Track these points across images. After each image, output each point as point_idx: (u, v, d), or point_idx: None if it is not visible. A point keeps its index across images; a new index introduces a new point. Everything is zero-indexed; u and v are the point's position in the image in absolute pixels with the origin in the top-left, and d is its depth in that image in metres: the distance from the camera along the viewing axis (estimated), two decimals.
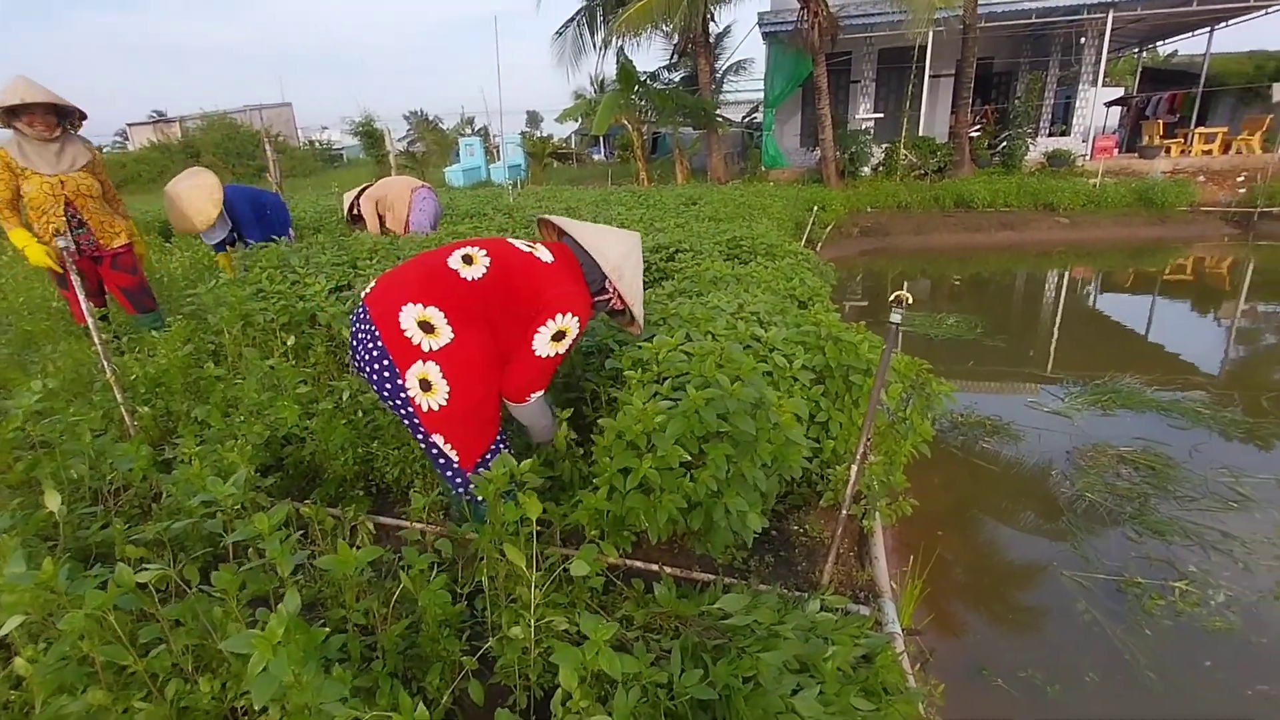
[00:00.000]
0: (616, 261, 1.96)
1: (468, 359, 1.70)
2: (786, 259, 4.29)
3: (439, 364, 1.67)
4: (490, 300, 1.75)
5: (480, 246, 1.85)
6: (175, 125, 34.63)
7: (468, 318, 1.71)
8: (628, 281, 1.98)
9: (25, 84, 3.03)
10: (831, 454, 2.43)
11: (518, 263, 1.83)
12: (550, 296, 1.79)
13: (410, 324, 1.68)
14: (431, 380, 1.68)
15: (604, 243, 1.97)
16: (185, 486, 1.83)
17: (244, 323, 3.09)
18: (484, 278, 1.75)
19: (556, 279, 1.84)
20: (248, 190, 5.04)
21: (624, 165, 20.07)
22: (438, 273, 1.75)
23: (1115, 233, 11.36)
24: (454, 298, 1.71)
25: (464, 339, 1.70)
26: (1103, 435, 3.95)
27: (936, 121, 15.73)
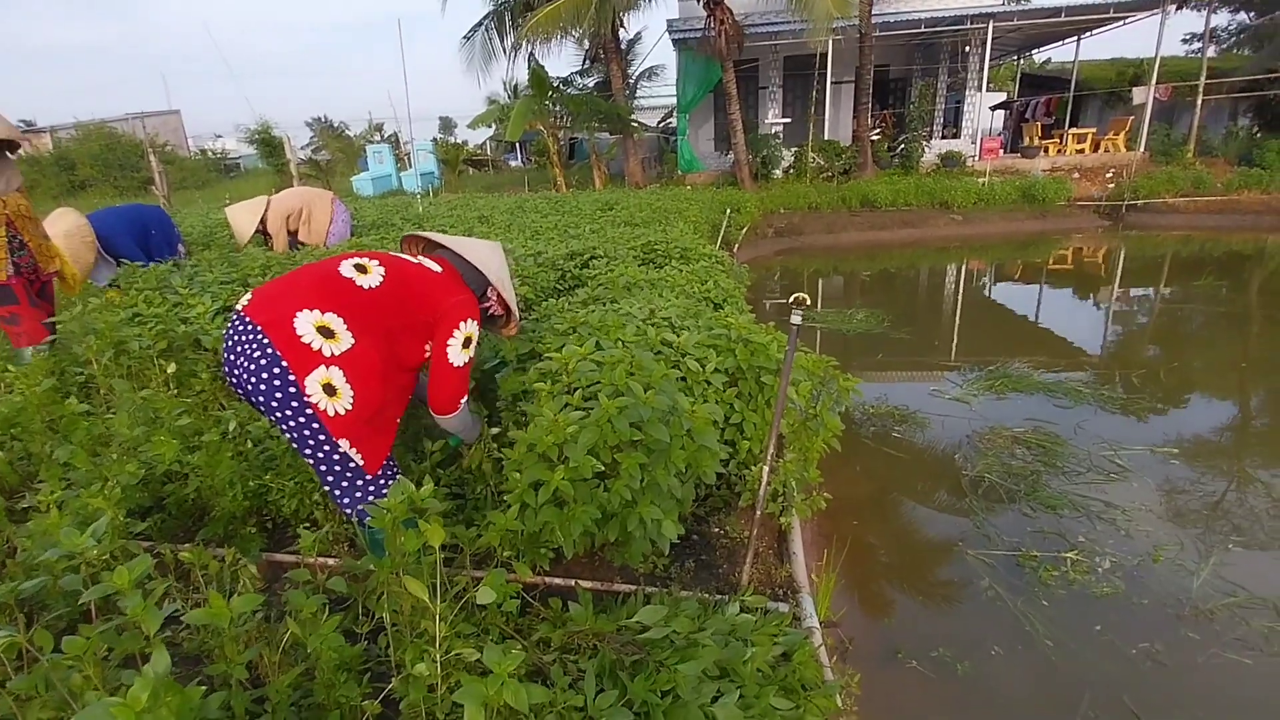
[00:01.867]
0: (498, 271, 2.06)
1: (369, 364, 1.68)
2: (701, 262, 4.34)
3: (342, 369, 1.64)
4: (387, 309, 1.74)
5: (371, 257, 1.84)
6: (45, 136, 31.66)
7: (366, 325, 1.70)
8: (508, 289, 2.10)
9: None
10: (748, 454, 2.46)
11: (412, 273, 1.85)
12: (450, 305, 1.82)
13: (308, 330, 1.63)
14: (335, 385, 1.64)
15: (481, 253, 2.06)
16: (41, 539, 1.64)
17: (118, 351, 2.82)
18: (380, 287, 1.75)
19: (450, 288, 1.87)
20: (124, 212, 4.62)
21: (541, 171, 19.89)
22: (332, 281, 1.73)
23: (1003, 227, 12.21)
24: (352, 305, 1.69)
25: (364, 345, 1.68)
26: (998, 418, 4.21)
27: (841, 125, 16.45)
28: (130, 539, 1.77)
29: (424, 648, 1.36)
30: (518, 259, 3.95)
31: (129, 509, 2.14)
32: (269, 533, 2.29)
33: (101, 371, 2.67)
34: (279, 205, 5.09)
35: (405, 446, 2.31)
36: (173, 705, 1.11)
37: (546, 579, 2.06)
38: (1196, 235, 11.36)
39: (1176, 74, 16.74)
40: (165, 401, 2.30)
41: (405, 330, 1.77)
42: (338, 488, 1.78)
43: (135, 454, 2.13)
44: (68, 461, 2.05)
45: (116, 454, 2.10)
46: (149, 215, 4.77)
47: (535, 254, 4.14)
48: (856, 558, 2.86)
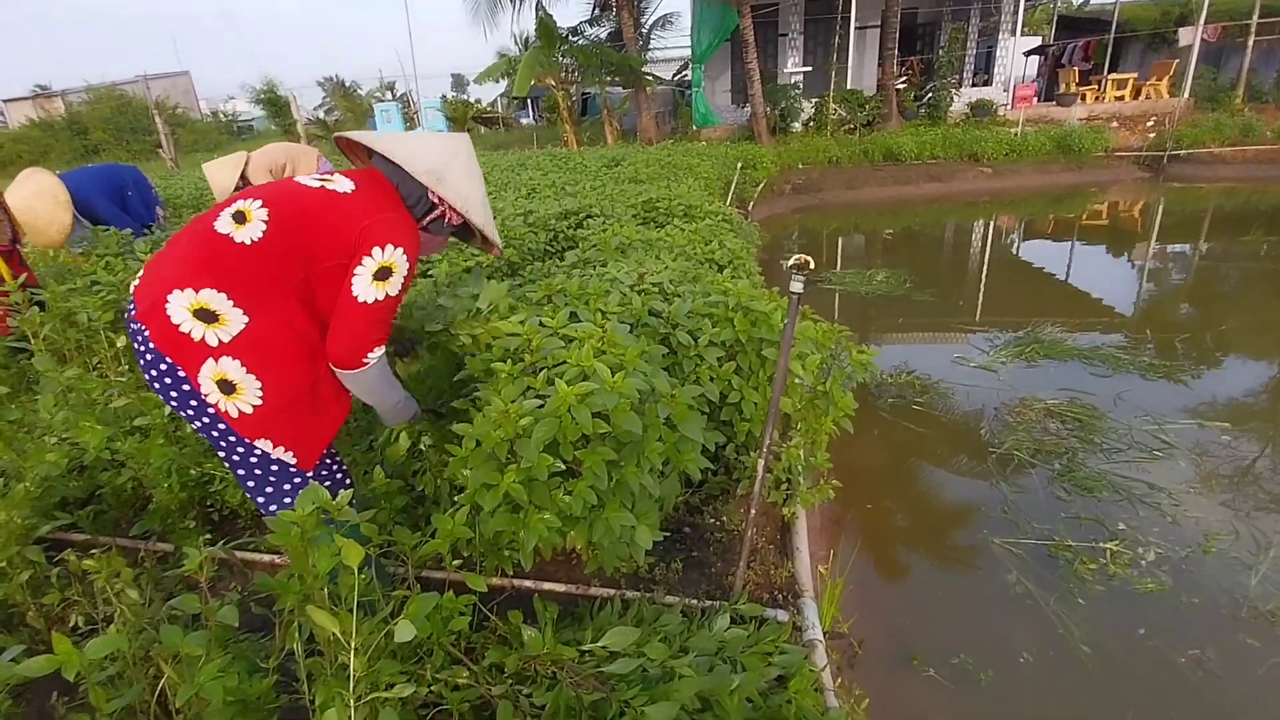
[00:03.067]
0: (432, 165, 1.54)
1: (272, 343, 1.35)
2: (706, 221, 4.01)
3: (236, 357, 1.32)
4: (283, 263, 1.36)
5: (256, 197, 1.42)
6: (58, 100, 31.48)
7: (258, 291, 1.34)
8: (452, 185, 1.56)
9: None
10: (747, 437, 2.19)
11: (308, 203, 1.42)
12: (363, 229, 1.39)
13: (182, 315, 1.30)
14: (233, 378, 1.33)
15: (414, 148, 1.57)
16: None
17: (65, 323, 2.60)
18: (265, 236, 1.36)
19: (366, 208, 1.43)
20: (100, 171, 4.36)
21: (552, 128, 19.31)
22: (206, 243, 1.35)
23: (1036, 180, 11.55)
24: (234, 272, 1.33)
25: (260, 320, 1.33)
26: (1029, 388, 3.88)
27: (864, 74, 15.62)
28: (31, 544, 1.56)
29: (336, 688, 1.13)
30: (505, 219, 3.64)
31: (60, 499, 1.95)
32: (215, 525, 2.08)
33: (42, 346, 2.45)
34: (261, 158, 4.78)
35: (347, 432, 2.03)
36: None
37: (513, 581, 1.83)
38: (1243, 187, 10.64)
39: (1226, 13, 15.52)
40: (94, 382, 2.07)
41: (318, 281, 1.40)
42: (261, 494, 1.49)
43: (61, 441, 1.92)
44: None
45: (35, 443, 1.89)
46: (125, 175, 4.52)
47: (525, 213, 3.83)
48: (868, 547, 2.60)
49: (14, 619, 1.59)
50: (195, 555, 1.17)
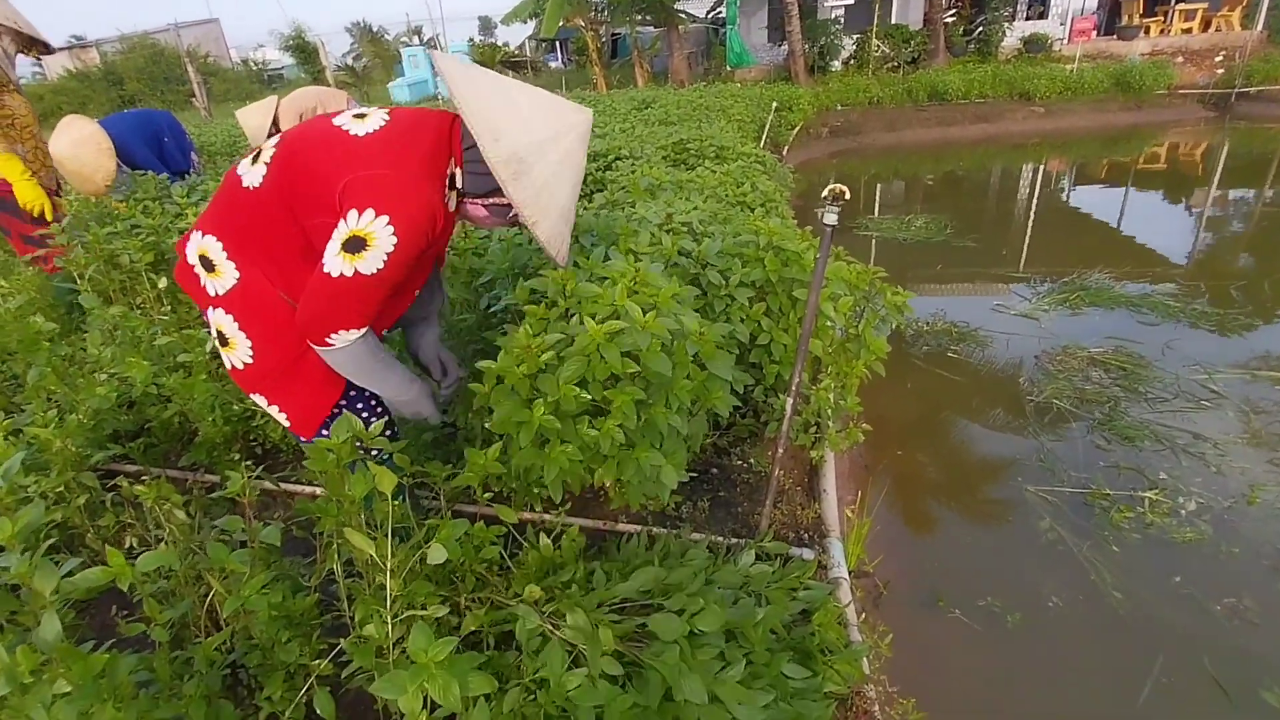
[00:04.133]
0: (517, 149, 1.16)
1: (261, 303, 1.24)
2: (738, 162, 3.89)
3: (229, 311, 1.26)
4: (277, 210, 1.20)
5: (282, 136, 1.27)
6: (93, 51, 31.71)
7: (250, 244, 1.23)
8: (529, 188, 1.19)
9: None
10: (776, 379, 2.16)
11: (312, 144, 1.19)
12: (346, 184, 1.13)
13: (195, 259, 1.27)
14: (226, 332, 1.27)
15: (502, 116, 1.17)
16: None
17: (108, 265, 2.67)
18: (264, 180, 1.20)
19: (365, 158, 1.15)
20: (133, 118, 4.36)
21: (581, 71, 18.83)
22: (225, 186, 1.27)
23: (1091, 120, 10.92)
24: (232, 219, 1.24)
25: (250, 277, 1.23)
26: (1072, 336, 3.75)
27: (910, 7, 14.78)
28: (87, 470, 1.64)
29: (374, 606, 1.18)
30: None
31: (111, 431, 2.04)
32: (259, 458, 2.16)
33: (88, 286, 2.52)
34: (292, 102, 4.75)
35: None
36: (74, 673, 0.96)
37: (542, 515, 1.87)
38: None
39: None
40: (138, 321, 2.13)
41: (316, 238, 1.20)
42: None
43: (110, 377, 1.99)
44: (39, 385, 1.93)
45: (86, 378, 1.97)
46: (160, 120, 4.53)
47: None
48: (897, 492, 2.59)
49: (74, 540, 1.69)
50: (238, 479, 1.20)
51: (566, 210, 1.32)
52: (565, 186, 1.29)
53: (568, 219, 1.34)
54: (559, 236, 1.32)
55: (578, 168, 1.32)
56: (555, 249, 1.32)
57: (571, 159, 1.28)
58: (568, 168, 1.28)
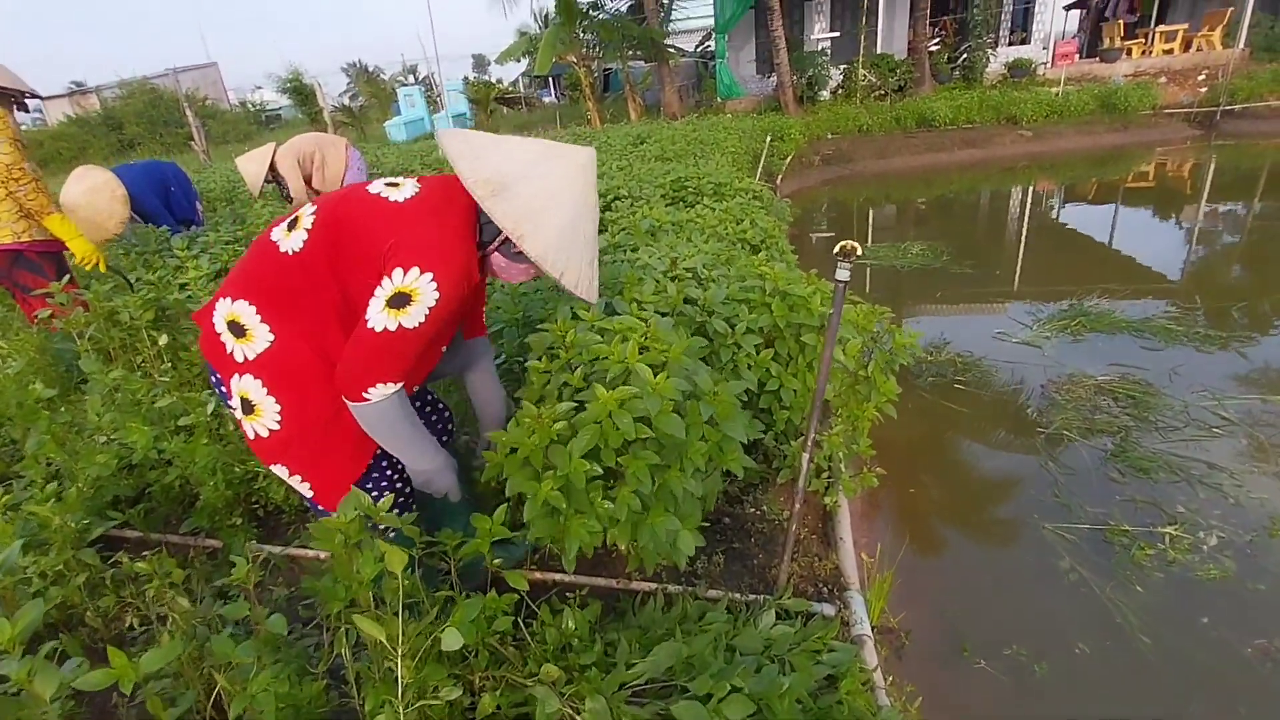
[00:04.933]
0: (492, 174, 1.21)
1: (295, 363, 1.26)
2: (736, 199, 3.91)
3: (258, 376, 1.27)
4: (319, 273, 1.24)
5: (317, 202, 1.32)
6: (93, 96, 32.21)
7: (289, 307, 1.25)
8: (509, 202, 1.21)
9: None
10: (786, 425, 2.14)
11: (355, 210, 1.25)
12: (391, 245, 1.19)
13: (222, 325, 1.28)
14: (253, 399, 1.28)
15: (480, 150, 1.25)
16: None
17: (109, 322, 2.65)
18: (305, 245, 1.24)
19: (406, 221, 1.22)
20: (142, 169, 4.41)
21: (575, 106, 19.09)
22: (256, 251, 1.30)
23: (1078, 142, 11.08)
24: (267, 282, 1.26)
25: (287, 339, 1.25)
26: (1076, 363, 3.73)
27: (895, 37, 15.09)
28: (87, 546, 1.60)
29: (385, 695, 1.13)
30: None
31: (112, 497, 2.00)
32: (260, 520, 2.12)
33: (88, 346, 2.50)
34: (289, 148, 4.79)
35: None
36: None
37: (555, 576, 1.82)
38: None
39: None
40: (138, 383, 2.10)
41: (358, 300, 1.23)
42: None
43: (110, 441, 1.96)
44: (37, 455, 1.89)
45: (85, 444, 1.93)
46: (167, 170, 4.58)
47: None
48: (914, 534, 2.54)
49: (73, 619, 1.64)
50: (242, 565, 1.16)
51: (569, 232, 1.27)
52: (564, 208, 1.27)
53: (578, 244, 1.29)
54: (565, 258, 1.27)
55: (580, 193, 1.30)
56: (559, 270, 1.27)
57: (569, 183, 1.28)
58: (565, 190, 1.28)
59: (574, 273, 1.29)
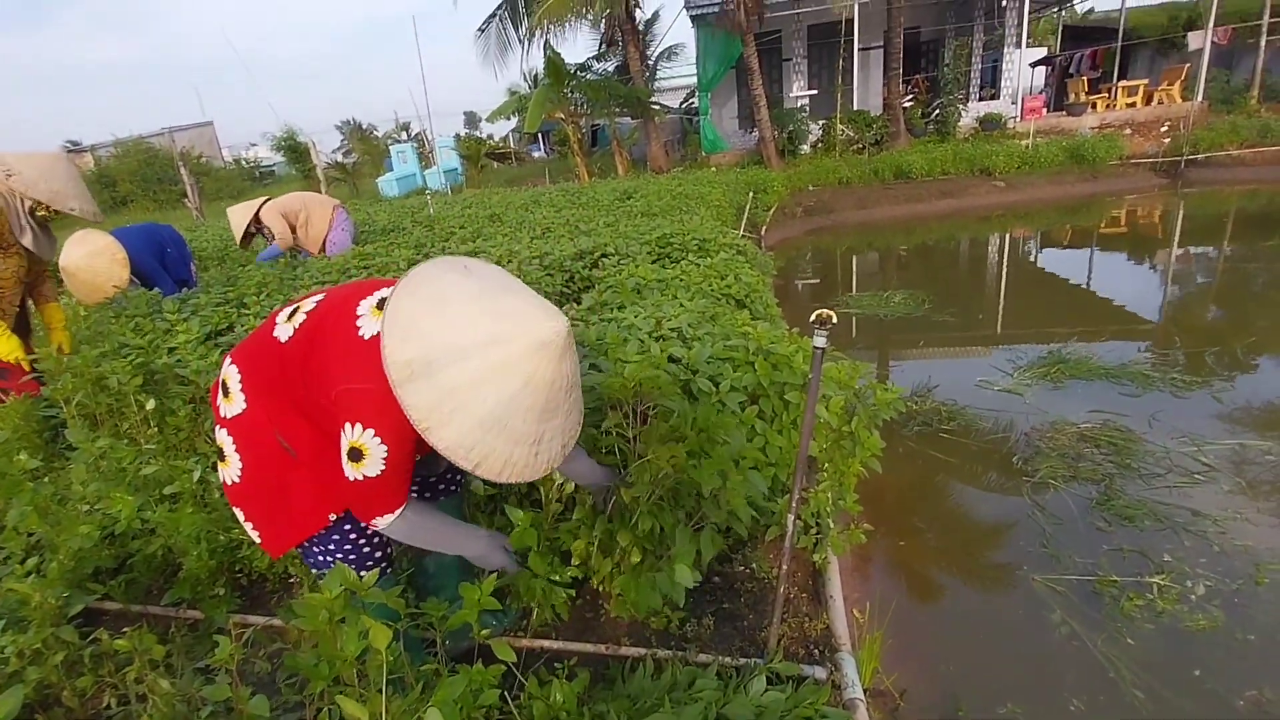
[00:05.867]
0: (447, 393, 1.08)
1: (258, 438, 1.35)
2: (721, 254, 4.01)
3: (231, 434, 1.37)
4: (291, 372, 1.31)
5: (321, 296, 1.38)
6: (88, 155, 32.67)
7: (264, 385, 1.34)
8: (453, 431, 1.10)
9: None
10: (773, 481, 2.15)
11: (330, 328, 1.27)
12: (338, 393, 1.19)
13: (220, 381, 1.41)
14: (225, 451, 1.38)
15: (436, 347, 1.09)
16: None
17: (97, 387, 2.65)
18: (290, 340, 1.32)
19: (357, 367, 1.18)
20: (139, 231, 4.47)
21: (564, 161, 19.62)
22: (261, 329, 1.42)
23: (1050, 192, 11.46)
24: (256, 359, 1.38)
25: (254, 411, 1.34)
26: (1058, 410, 3.79)
27: (870, 94, 15.71)
28: (67, 623, 1.57)
29: None
30: (521, 263, 3.68)
31: (93, 568, 1.97)
32: (244, 589, 2.09)
33: (75, 412, 2.50)
34: (276, 204, 4.94)
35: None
36: None
37: (542, 644, 1.80)
38: (1265, 188, 10.49)
39: (1236, 14, 15.45)
40: (124, 451, 2.10)
41: (317, 402, 1.28)
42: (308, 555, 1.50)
43: (91, 514, 1.94)
44: (18, 528, 1.87)
45: (68, 515, 1.91)
46: (164, 233, 4.65)
47: (541, 255, 3.87)
48: (903, 590, 2.54)
49: (49, 699, 1.59)
50: (225, 645, 1.16)
51: (493, 424, 1.10)
52: (495, 396, 1.09)
53: (507, 433, 1.12)
54: (482, 451, 1.12)
55: (528, 376, 1.09)
56: (473, 463, 1.12)
57: (513, 367, 1.09)
58: (506, 375, 1.09)
59: (497, 461, 1.14)
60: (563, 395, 1.16)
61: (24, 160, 2.67)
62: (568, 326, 1.13)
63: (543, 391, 1.12)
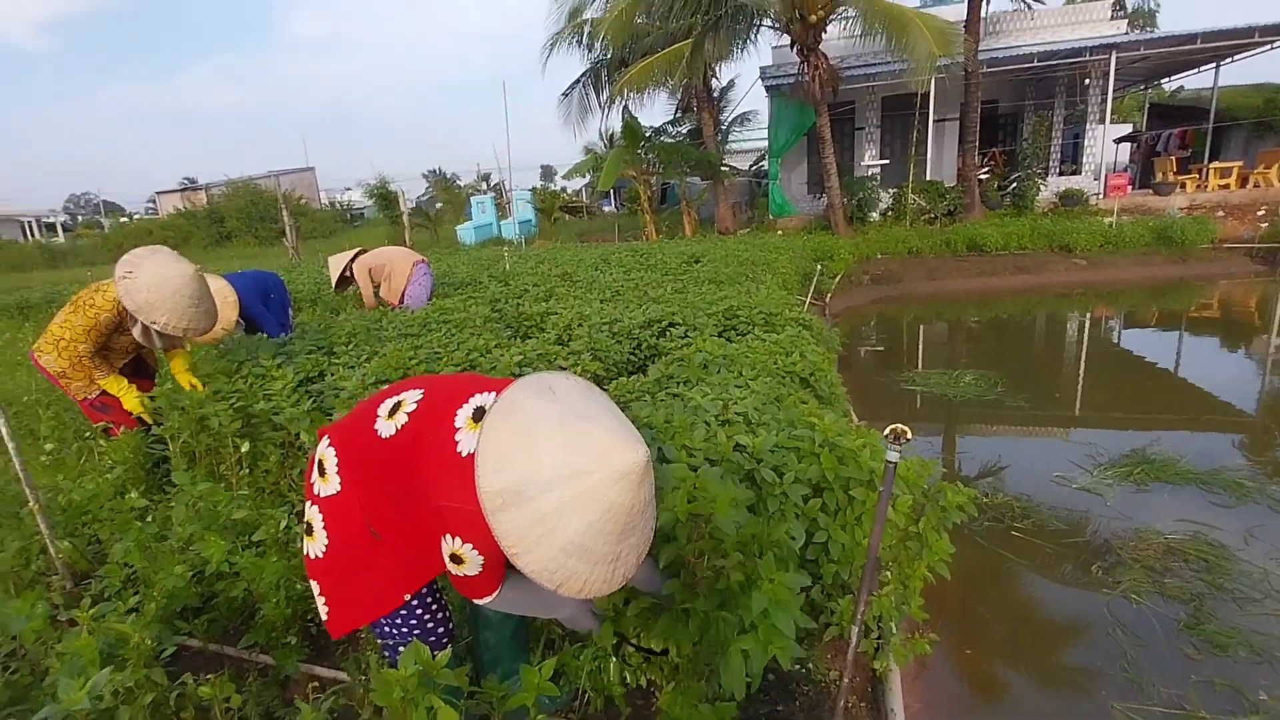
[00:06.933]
0: (536, 521, 1.13)
1: (348, 520, 1.43)
2: (786, 330, 4.04)
3: (322, 511, 1.45)
4: (391, 469, 1.38)
5: (419, 389, 1.44)
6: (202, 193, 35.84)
7: (361, 473, 1.42)
8: (538, 557, 1.14)
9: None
10: (834, 579, 2.12)
11: (430, 438, 1.33)
12: (438, 507, 1.29)
13: (317, 459, 1.49)
14: (314, 526, 1.46)
15: (524, 478, 1.13)
16: (70, 663, 1.57)
17: (200, 427, 2.87)
18: (392, 439, 1.38)
19: (455, 485, 1.25)
20: (251, 277, 4.85)
21: (632, 217, 20.21)
22: (363, 414, 1.49)
23: (1136, 273, 11.02)
24: (355, 447, 1.45)
25: (348, 495, 1.42)
26: (1143, 517, 3.57)
27: (944, 165, 15.66)
28: (158, 663, 1.68)
29: None
30: (592, 328, 3.80)
31: (180, 607, 2.10)
32: (312, 639, 2.18)
33: (176, 452, 2.71)
34: (365, 259, 5.32)
35: None
36: None
37: None
38: None
39: None
40: (222, 495, 2.26)
41: (414, 503, 1.37)
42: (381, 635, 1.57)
43: (185, 554, 2.09)
44: (124, 560, 2.03)
45: (165, 551, 2.06)
46: (269, 280, 5.02)
47: (610, 322, 3.99)
48: (970, 704, 2.41)
49: None
50: (308, 714, 1.22)
51: (576, 550, 1.15)
52: (578, 524, 1.13)
53: (588, 559, 1.16)
54: (564, 574, 1.15)
55: (609, 506, 1.14)
56: (555, 583, 1.16)
57: (597, 498, 1.13)
58: (589, 505, 1.13)
59: (577, 581, 1.18)
60: (639, 517, 1.22)
61: (148, 265, 2.80)
62: (646, 456, 1.18)
63: (621, 517, 1.17)
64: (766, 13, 12.46)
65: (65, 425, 3.21)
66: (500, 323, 4.45)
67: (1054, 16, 15.74)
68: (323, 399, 3.05)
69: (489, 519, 1.14)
